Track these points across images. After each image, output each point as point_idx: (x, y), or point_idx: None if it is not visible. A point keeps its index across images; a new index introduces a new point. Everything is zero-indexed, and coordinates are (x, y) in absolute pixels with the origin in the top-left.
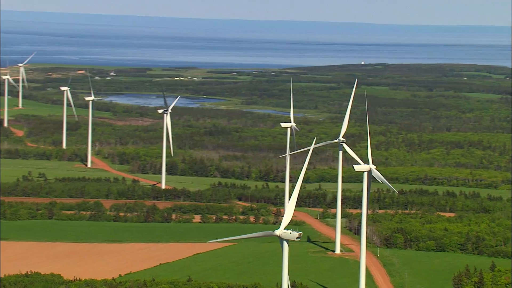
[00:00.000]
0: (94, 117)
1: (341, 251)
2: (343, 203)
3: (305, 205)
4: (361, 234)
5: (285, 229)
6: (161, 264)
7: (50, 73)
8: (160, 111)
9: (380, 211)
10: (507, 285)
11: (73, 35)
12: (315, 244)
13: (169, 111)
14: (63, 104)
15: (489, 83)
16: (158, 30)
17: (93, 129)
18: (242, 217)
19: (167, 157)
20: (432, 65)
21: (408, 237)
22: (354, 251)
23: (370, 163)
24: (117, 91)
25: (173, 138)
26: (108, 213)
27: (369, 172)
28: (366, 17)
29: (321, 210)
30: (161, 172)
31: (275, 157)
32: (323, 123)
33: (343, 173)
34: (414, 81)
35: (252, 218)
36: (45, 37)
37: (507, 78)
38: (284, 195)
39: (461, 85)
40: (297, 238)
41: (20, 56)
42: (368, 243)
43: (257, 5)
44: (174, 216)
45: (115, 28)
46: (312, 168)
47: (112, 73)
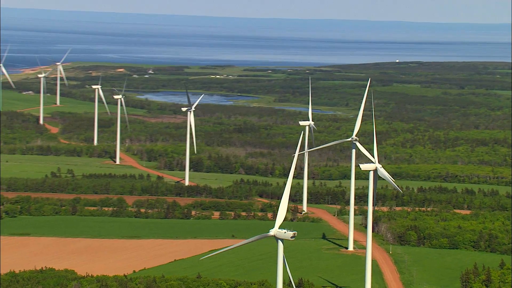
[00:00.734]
0: (128, 114)
1: (354, 248)
2: (361, 200)
3: (324, 202)
4: (367, 232)
5: (279, 228)
6: (175, 260)
7: (90, 71)
8: (184, 109)
9: (398, 208)
10: None
11: (115, 34)
12: (329, 241)
13: (193, 109)
14: (95, 102)
15: None
16: (199, 29)
17: (125, 126)
18: (260, 213)
19: (191, 154)
20: (466, 63)
21: (422, 234)
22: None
23: (376, 162)
24: (153, 88)
25: (202, 135)
26: (130, 209)
27: (375, 171)
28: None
29: (338, 207)
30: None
31: (302, 154)
32: (352, 120)
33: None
34: (446, 79)
35: (270, 215)
36: (88, 36)
37: None
38: (303, 192)
39: (493, 82)
40: (291, 237)
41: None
42: (382, 240)
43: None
44: (193, 213)
45: (157, 27)
46: (335, 165)
47: (150, 71)
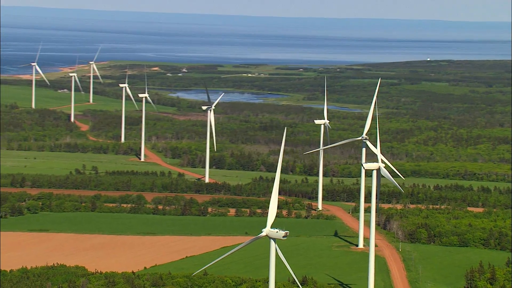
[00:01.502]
0: (157, 112)
1: (364, 245)
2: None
3: (340, 200)
4: (370, 231)
5: (271, 228)
6: (186, 257)
7: (126, 70)
8: (204, 107)
9: (412, 206)
10: None
11: (154, 34)
12: (341, 238)
13: (213, 107)
14: (122, 100)
15: None
16: (234, 28)
17: (154, 123)
18: None
19: (212, 152)
20: (496, 62)
21: (432, 232)
22: (377, 246)
23: (379, 161)
24: (185, 87)
25: (227, 133)
26: (148, 206)
27: (378, 170)
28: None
29: (354, 204)
30: (209, 166)
31: (324, 152)
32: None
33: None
34: (474, 77)
35: (284, 212)
36: (128, 35)
37: None
38: (318, 190)
39: None
40: (283, 237)
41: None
42: (393, 237)
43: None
44: (210, 210)
45: (193, 26)
46: (355, 162)
47: (184, 70)
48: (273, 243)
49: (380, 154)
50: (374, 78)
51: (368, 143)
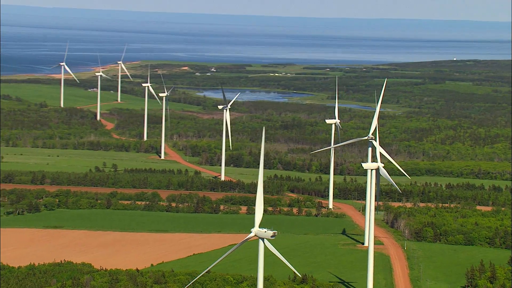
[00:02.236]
0: (183, 110)
1: None
2: (388, 196)
3: (352, 198)
4: (369, 230)
5: (260, 227)
6: (194, 254)
7: (156, 69)
8: (220, 107)
9: (422, 204)
10: None
11: (185, 34)
12: (348, 236)
13: (228, 107)
14: (145, 99)
15: None
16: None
17: (177, 122)
18: (286, 209)
19: (227, 150)
20: None
21: (438, 231)
22: (383, 244)
23: (378, 161)
24: (213, 86)
25: (248, 131)
26: (161, 203)
27: (377, 169)
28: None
29: (364, 202)
30: (226, 164)
31: (341, 150)
32: (398, 117)
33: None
34: (499, 77)
35: (295, 210)
36: (160, 35)
37: None
38: (329, 188)
39: None
40: (271, 236)
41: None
42: (400, 236)
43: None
44: (222, 207)
45: (225, 27)
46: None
47: (213, 69)
48: (261, 243)
49: (379, 155)
50: (399, 77)
51: (374, 142)
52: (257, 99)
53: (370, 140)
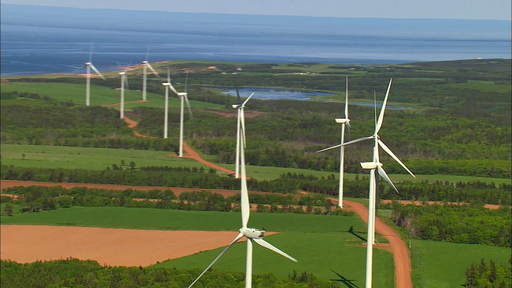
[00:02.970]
0: (206, 109)
1: (375, 242)
2: (399, 195)
3: (363, 196)
4: (369, 229)
5: (248, 227)
6: (200, 252)
7: (183, 69)
8: (235, 106)
9: (431, 202)
10: None
11: (215, 34)
12: (354, 234)
13: (243, 106)
14: (165, 98)
15: None
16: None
17: (199, 120)
18: (296, 207)
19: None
20: None
21: (443, 229)
22: (389, 242)
23: (377, 161)
24: (238, 85)
25: (267, 130)
26: (174, 201)
27: (376, 169)
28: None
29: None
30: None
31: (358, 149)
32: (417, 116)
33: (414, 164)
34: None
35: (304, 208)
36: (190, 35)
37: None
38: (339, 186)
39: None
40: (259, 236)
41: (166, 53)
42: (406, 234)
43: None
44: (233, 205)
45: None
46: (385, 160)
47: (239, 69)
48: (249, 242)
49: (377, 154)
50: (422, 76)
51: (379, 142)
52: (280, 98)
53: (375, 139)
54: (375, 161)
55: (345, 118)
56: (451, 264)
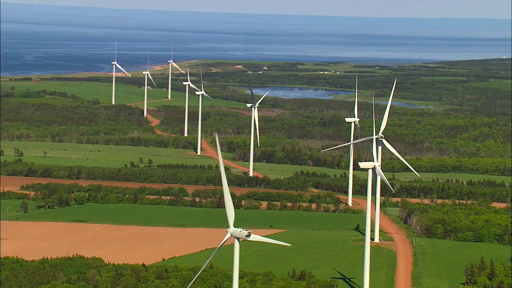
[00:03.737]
0: (229, 107)
1: (380, 240)
2: (409, 193)
3: (373, 194)
4: (366, 227)
5: (235, 227)
6: (206, 249)
7: (211, 68)
8: (249, 105)
9: (439, 200)
10: None
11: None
12: (360, 232)
13: (257, 105)
14: (185, 96)
15: None
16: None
17: (220, 118)
18: (305, 204)
19: (256, 147)
20: None
21: (448, 227)
22: (393, 240)
23: (375, 160)
24: (263, 84)
25: (286, 128)
26: (186, 198)
27: (374, 169)
28: None
29: (383, 198)
30: (259, 160)
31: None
32: (436, 115)
33: (427, 163)
34: None
35: (313, 206)
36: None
37: None
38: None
39: None
40: (246, 236)
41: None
42: (411, 232)
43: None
44: (243, 202)
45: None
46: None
47: (265, 68)
48: (236, 242)
49: (375, 154)
50: (445, 75)
51: (384, 141)
52: (303, 97)
53: (380, 139)
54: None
55: (354, 117)
56: (452, 263)
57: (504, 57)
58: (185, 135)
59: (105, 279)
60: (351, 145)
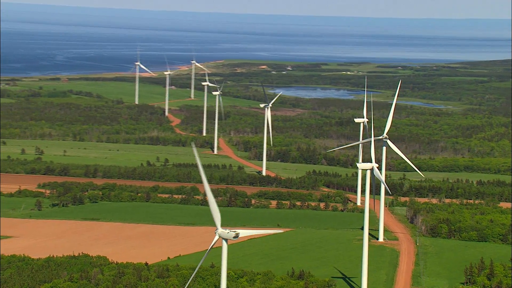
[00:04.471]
0: (249, 107)
1: (384, 239)
2: (418, 192)
3: (378, 193)
4: (364, 228)
5: (222, 228)
6: (212, 248)
7: (236, 68)
8: (262, 105)
9: (447, 200)
10: None
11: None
12: None
13: (270, 105)
14: (204, 96)
15: None
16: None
17: (240, 118)
18: (314, 203)
19: (269, 146)
20: None
21: (452, 227)
22: (398, 240)
23: (373, 161)
24: (286, 84)
25: (304, 127)
26: (197, 197)
27: (372, 170)
28: None
29: (391, 197)
30: (274, 160)
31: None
32: (453, 115)
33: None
34: None
35: (322, 205)
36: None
37: None
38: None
39: None
40: (233, 237)
41: (222, 53)
42: (416, 231)
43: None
44: (253, 201)
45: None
46: (413, 157)
47: (289, 68)
48: (224, 243)
49: (373, 154)
50: (466, 76)
51: (388, 142)
52: (324, 97)
53: (384, 140)
54: (384, 160)
55: (363, 117)
56: (454, 262)
57: None
58: (204, 134)
59: (107, 277)
60: (360, 145)
